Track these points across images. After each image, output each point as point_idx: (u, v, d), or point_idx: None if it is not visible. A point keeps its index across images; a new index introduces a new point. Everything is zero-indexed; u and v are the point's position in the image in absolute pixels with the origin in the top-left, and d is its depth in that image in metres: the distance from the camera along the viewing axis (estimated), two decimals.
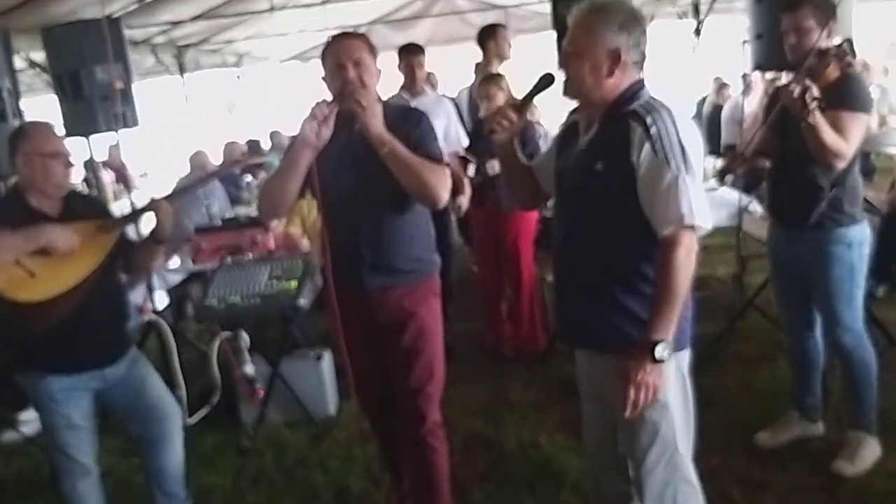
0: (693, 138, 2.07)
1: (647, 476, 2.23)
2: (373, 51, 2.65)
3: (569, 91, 2.19)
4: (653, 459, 2.22)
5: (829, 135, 2.77)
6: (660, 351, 2.01)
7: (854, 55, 2.82)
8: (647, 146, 2.02)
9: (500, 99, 4.33)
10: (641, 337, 2.04)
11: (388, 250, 2.70)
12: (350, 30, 2.81)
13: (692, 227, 2.02)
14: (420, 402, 2.79)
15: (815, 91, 2.68)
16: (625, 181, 2.07)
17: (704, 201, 2.05)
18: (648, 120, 2.04)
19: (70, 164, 2.78)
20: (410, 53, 4.95)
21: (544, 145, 5.73)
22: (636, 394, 2.03)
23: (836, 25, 2.95)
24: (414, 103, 4.52)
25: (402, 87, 4.96)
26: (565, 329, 2.41)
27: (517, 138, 2.45)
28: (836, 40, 2.89)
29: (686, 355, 2.25)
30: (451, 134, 4.81)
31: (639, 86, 2.15)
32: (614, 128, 2.10)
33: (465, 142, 4.79)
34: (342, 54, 2.60)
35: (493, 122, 2.29)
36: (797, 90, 2.68)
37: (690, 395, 2.24)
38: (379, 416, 3.02)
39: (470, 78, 5.26)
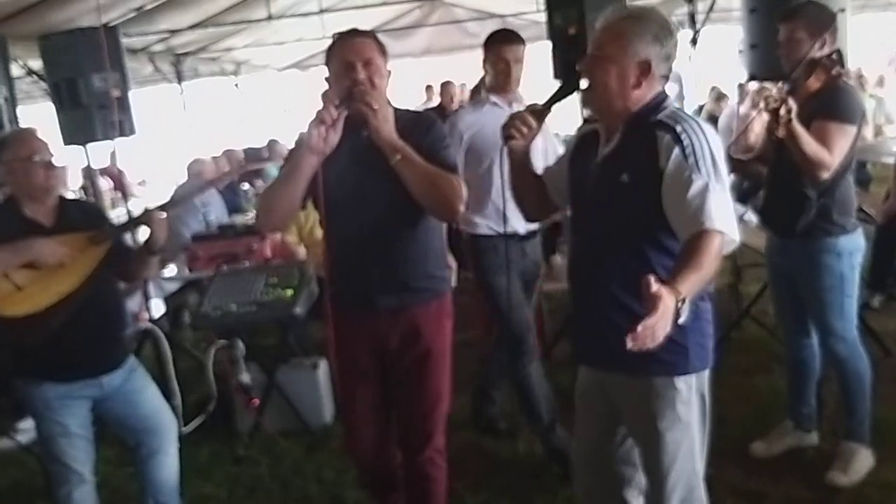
0: (720, 150, 2.01)
1: (667, 497, 2.16)
2: (383, 51, 2.48)
3: (589, 99, 2.12)
4: (673, 480, 2.15)
5: (809, 146, 2.78)
6: (681, 309, 1.74)
7: (843, 65, 2.83)
8: (676, 150, 1.95)
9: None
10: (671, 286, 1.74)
11: (400, 267, 2.52)
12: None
13: (721, 233, 1.89)
14: (425, 427, 2.67)
15: (791, 104, 2.69)
16: (653, 191, 1.99)
17: (733, 213, 1.95)
18: (678, 128, 1.98)
19: (52, 167, 2.74)
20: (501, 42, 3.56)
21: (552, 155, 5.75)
22: (653, 322, 1.70)
23: (832, 37, 2.95)
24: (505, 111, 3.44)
25: (490, 88, 3.63)
26: (586, 350, 2.29)
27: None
28: (835, 51, 2.91)
29: (706, 375, 2.16)
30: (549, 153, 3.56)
31: (663, 96, 2.09)
32: (639, 138, 2.03)
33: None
34: (351, 53, 2.42)
35: (511, 128, 2.19)
36: (774, 104, 2.69)
37: (708, 416, 2.17)
38: (373, 455, 2.79)
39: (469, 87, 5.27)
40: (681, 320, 1.76)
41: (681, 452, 2.13)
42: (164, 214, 2.88)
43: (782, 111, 2.66)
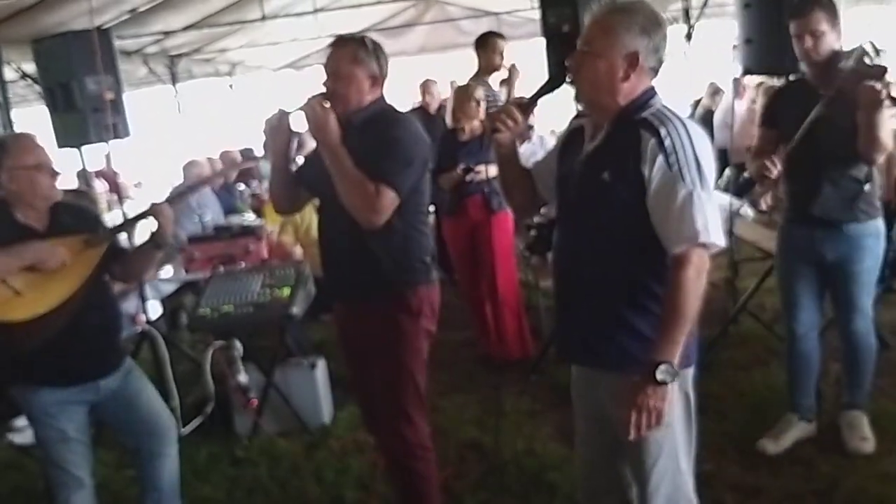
0: (706, 150, 2.01)
1: (651, 496, 2.17)
2: (356, 58, 2.63)
3: (579, 94, 2.12)
4: (656, 479, 2.15)
5: (885, 130, 2.88)
6: (661, 373, 1.92)
7: (878, 54, 2.87)
8: (660, 159, 1.95)
9: (474, 109, 4.54)
10: (645, 358, 1.96)
11: (360, 264, 2.68)
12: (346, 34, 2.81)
13: (704, 246, 1.96)
14: (397, 424, 2.78)
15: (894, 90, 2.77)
16: (634, 192, 2.00)
17: (718, 217, 1.99)
18: (662, 131, 1.97)
19: (55, 174, 2.74)
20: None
21: (539, 150, 5.77)
22: (638, 417, 1.96)
23: (841, 27, 3.03)
24: None
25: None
26: (566, 345, 2.32)
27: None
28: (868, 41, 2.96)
29: (690, 373, 2.16)
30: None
31: (651, 93, 2.08)
32: (623, 136, 2.03)
33: None
34: (325, 65, 2.69)
35: (497, 121, 2.19)
36: (885, 91, 2.75)
37: (694, 413, 2.18)
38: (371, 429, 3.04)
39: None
40: (668, 378, 1.93)
41: (664, 452, 2.13)
42: (170, 207, 2.89)
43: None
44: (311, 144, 4.52)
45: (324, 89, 2.64)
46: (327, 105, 2.59)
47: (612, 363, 2.11)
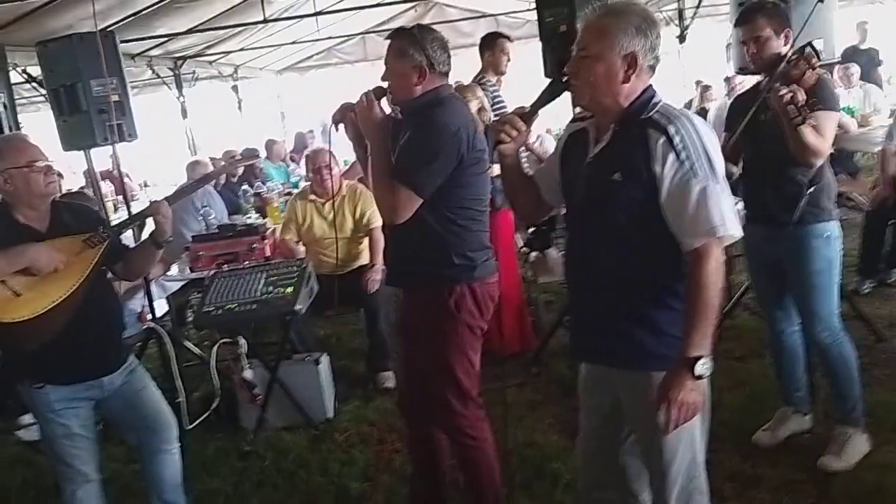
0: (715, 144, 2.02)
1: (670, 488, 2.18)
2: (400, 50, 2.69)
3: (579, 98, 2.12)
4: (675, 471, 2.16)
5: (811, 135, 2.87)
6: (700, 367, 1.95)
7: (819, 58, 2.90)
8: (671, 156, 1.96)
9: (474, 107, 4.52)
10: (680, 354, 1.97)
11: (399, 253, 2.81)
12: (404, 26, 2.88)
13: (720, 238, 1.98)
14: (440, 414, 2.90)
15: (802, 95, 2.77)
16: (646, 191, 2.00)
17: (732, 209, 2.01)
18: (671, 129, 1.97)
19: (50, 172, 2.74)
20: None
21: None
22: (677, 413, 1.97)
23: (791, 31, 3.05)
24: None
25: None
26: (582, 346, 2.31)
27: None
28: (808, 44, 2.98)
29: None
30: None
31: (651, 91, 2.08)
32: (631, 136, 2.03)
33: None
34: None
35: (500, 131, 2.19)
36: (788, 96, 2.75)
37: (708, 405, 2.16)
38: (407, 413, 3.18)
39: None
40: (706, 371, 1.97)
41: (682, 444, 2.15)
42: (169, 205, 2.93)
43: (799, 102, 2.75)
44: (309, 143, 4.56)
45: (385, 83, 2.76)
46: (384, 97, 2.74)
47: (631, 362, 2.13)
